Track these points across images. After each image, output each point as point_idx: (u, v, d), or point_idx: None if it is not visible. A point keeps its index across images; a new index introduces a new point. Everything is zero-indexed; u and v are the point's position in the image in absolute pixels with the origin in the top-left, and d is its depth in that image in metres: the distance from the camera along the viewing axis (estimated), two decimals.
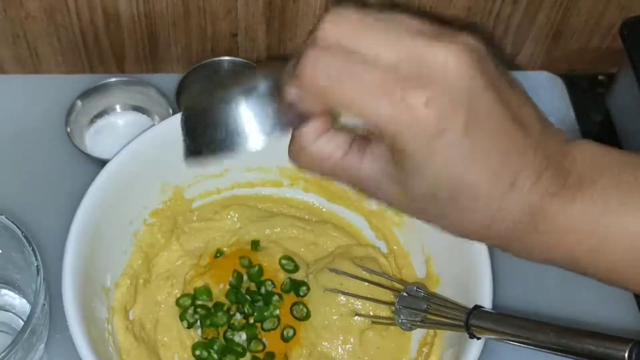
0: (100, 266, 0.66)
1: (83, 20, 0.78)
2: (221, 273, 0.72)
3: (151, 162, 0.69)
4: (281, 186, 0.77)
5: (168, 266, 0.72)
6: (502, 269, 0.68)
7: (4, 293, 0.67)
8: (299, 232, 0.75)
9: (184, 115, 0.47)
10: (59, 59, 0.83)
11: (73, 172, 0.77)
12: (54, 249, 0.66)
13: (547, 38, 0.87)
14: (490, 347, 0.61)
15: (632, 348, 0.48)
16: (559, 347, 0.52)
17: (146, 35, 0.81)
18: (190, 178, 0.73)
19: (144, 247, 0.71)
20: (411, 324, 0.65)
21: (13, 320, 0.67)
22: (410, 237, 0.73)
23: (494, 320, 0.57)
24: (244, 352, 0.68)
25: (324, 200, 0.77)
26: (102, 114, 0.82)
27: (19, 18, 0.77)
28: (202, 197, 0.75)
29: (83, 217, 0.63)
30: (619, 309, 0.75)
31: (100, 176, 0.65)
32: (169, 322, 0.69)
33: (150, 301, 0.70)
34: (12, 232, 0.60)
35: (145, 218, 0.71)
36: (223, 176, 0.75)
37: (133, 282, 0.69)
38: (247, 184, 0.76)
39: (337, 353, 0.68)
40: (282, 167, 0.75)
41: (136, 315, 0.69)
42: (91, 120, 0.81)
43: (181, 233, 0.74)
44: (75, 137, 0.78)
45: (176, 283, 0.71)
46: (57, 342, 0.67)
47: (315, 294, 0.70)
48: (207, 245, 0.74)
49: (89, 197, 0.64)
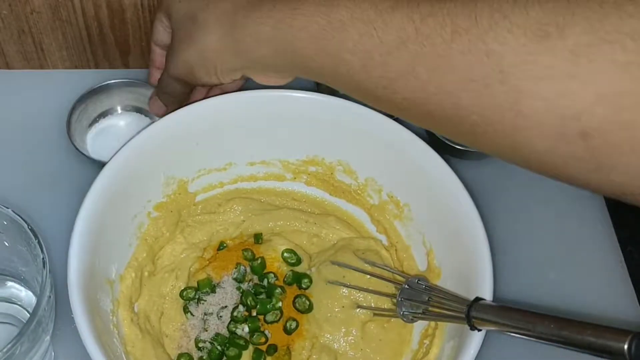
0: (105, 259, 0.66)
1: (88, 16, 0.79)
2: (224, 265, 0.72)
3: (155, 156, 0.70)
4: (284, 180, 0.77)
5: (172, 259, 0.73)
6: (502, 261, 0.68)
7: (11, 285, 0.67)
8: (302, 225, 0.75)
9: None
10: (64, 54, 0.84)
11: (78, 166, 0.78)
12: (59, 242, 0.66)
13: None
14: (491, 339, 0.61)
15: (632, 340, 0.48)
16: (559, 338, 0.52)
17: (150, 30, 0.81)
18: (193, 172, 0.74)
19: (149, 240, 0.71)
20: (413, 316, 0.66)
21: (19, 312, 0.67)
22: (411, 230, 0.73)
23: (495, 312, 0.57)
24: (247, 344, 0.68)
25: (326, 194, 0.78)
26: (103, 114, 0.81)
27: (24, 13, 0.78)
28: (205, 191, 0.76)
29: (88, 211, 0.64)
30: (618, 301, 0.76)
31: (105, 170, 0.66)
32: (174, 314, 0.70)
33: (155, 294, 0.70)
34: (19, 226, 0.60)
35: (150, 211, 0.72)
36: (226, 170, 0.76)
37: (138, 274, 0.70)
38: (250, 177, 0.77)
39: (340, 345, 0.69)
40: (285, 161, 0.76)
41: (141, 308, 0.69)
42: (92, 122, 0.81)
43: (185, 226, 0.74)
44: (77, 139, 0.78)
45: (180, 275, 0.71)
46: (62, 333, 0.68)
47: (318, 286, 0.71)
48: (211, 238, 0.75)
49: (94, 191, 0.65)
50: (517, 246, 0.77)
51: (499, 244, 0.70)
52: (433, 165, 0.68)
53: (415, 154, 0.69)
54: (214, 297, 0.70)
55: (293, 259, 0.73)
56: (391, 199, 0.74)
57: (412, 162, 0.70)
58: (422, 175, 0.69)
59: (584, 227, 0.80)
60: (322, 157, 0.75)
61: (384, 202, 0.74)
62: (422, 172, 0.69)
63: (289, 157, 0.76)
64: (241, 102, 0.71)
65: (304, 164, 0.76)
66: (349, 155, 0.74)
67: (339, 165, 0.75)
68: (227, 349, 0.68)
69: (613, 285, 0.77)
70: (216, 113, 0.71)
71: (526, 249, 0.78)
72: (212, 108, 0.70)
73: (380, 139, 0.71)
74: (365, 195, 0.76)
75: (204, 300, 0.70)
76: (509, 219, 0.79)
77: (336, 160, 0.75)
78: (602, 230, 0.80)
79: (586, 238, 0.79)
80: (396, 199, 0.73)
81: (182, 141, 0.71)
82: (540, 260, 0.77)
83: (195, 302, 0.70)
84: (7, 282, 0.67)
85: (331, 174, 0.76)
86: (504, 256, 0.71)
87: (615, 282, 0.77)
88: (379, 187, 0.74)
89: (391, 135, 0.70)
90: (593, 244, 0.79)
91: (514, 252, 0.76)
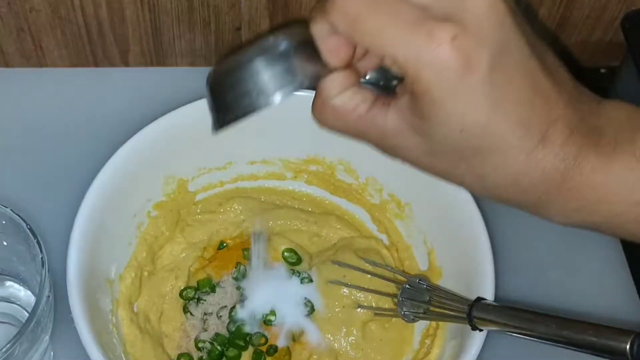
0: (105, 258, 0.66)
1: (87, 14, 0.79)
2: (224, 265, 0.72)
3: (155, 155, 0.69)
4: (284, 179, 0.77)
5: (172, 258, 0.72)
6: (504, 262, 0.68)
7: (9, 285, 0.67)
8: (302, 224, 0.75)
9: (208, 81, 0.47)
10: (63, 53, 0.83)
11: (77, 165, 0.77)
12: (58, 241, 0.66)
13: (549, 31, 0.87)
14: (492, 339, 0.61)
15: (634, 340, 0.48)
16: (560, 338, 0.52)
17: (150, 28, 0.81)
18: (193, 171, 0.74)
19: (148, 240, 0.71)
20: (414, 316, 0.65)
21: (18, 312, 0.67)
22: (412, 230, 0.73)
23: (496, 312, 0.57)
24: (247, 345, 0.68)
25: (327, 193, 0.77)
26: None
27: (24, 11, 0.78)
28: (205, 190, 0.75)
29: (87, 210, 0.64)
30: (620, 300, 0.76)
31: (104, 169, 0.66)
32: (173, 314, 0.70)
33: (154, 293, 0.70)
34: (17, 225, 0.60)
35: (149, 210, 0.71)
36: (226, 169, 0.75)
37: (137, 274, 0.69)
38: (250, 176, 0.76)
39: (340, 345, 0.69)
40: (286, 160, 0.76)
41: (140, 307, 0.69)
42: None
43: (185, 225, 0.74)
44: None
45: (180, 275, 0.71)
46: (61, 333, 0.67)
47: (318, 286, 0.71)
48: (211, 238, 0.74)
49: (94, 190, 0.65)
50: (519, 245, 0.77)
51: (501, 243, 0.70)
52: None
53: None
54: (214, 297, 0.70)
55: (293, 258, 0.72)
56: (392, 199, 0.74)
57: None
58: (423, 174, 0.69)
59: None
60: (323, 156, 0.75)
61: (385, 202, 0.74)
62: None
63: (290, 156, 0.76)
64: None
65: (304, 163, 0.76)
66: (349, 154, 0.74)
67: (340, 164, 0.75)
68: (227, 350, 0.67)
69: (615, 284, 0.77)
70: None
71: (527, 248, 0.77)
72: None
73: None
74: (366, 194, 0.75)
75: (203, 300, 0.70)
76: (510, 218, 0.78)
77: (337, 160, 0.75)
78: None
79: (588, 237, 0.79)
80: (397, 199, 0.73)
81: (182, 140, 0.71)
82: (541, 259, 0.77)
83: (195, 302, 0.70)
84: (6, 281, 0.67)
85: (332, 173, 0.76)
86: (505, 255, 0.71)
87: (617, 282, 0.77)
88: (380, 186, 0.74)
89: None
90: (595, 243, 0.78)
91: (515, 252, 0.76)
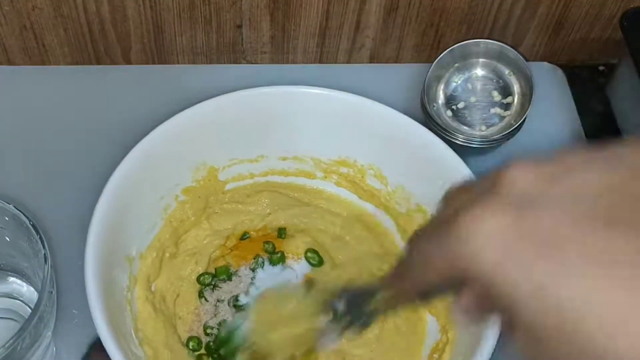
0: (127, 236, 0.67)
1: (89, 12, 0.79)
2: (244, 255, 0.73)
3: (188, 141, 0.70)
4: (314, 178, 0.77)
5: (195, 243, 0.73)
6: None
7: (12, 281, 0.67)
8: (327, 225, 0.75)
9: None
10: (65, 50, 0.84)
11: (79, 162, 0.78)
12: (60, 237, 0.66)
13: (548, 29, 0.87)
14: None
15: None
16: None
17: (152, 26, 0.82)
18: (226, 160, 0.74)
19: (174, 223, 0.72)
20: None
21: (21, 307, 0.67)
22: None
23: None
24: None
25: (355, 197, 0.77)
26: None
27: (26, 9, 0.78)
28: (235, 180, 0.76)
29: (113, 187, 0.64)
30: None
31: (133, 151, 0.66)
32: (189, 297, 0.71)
33: (173, 275, 0.71)
34: (20, 221, 0.60)
35: (177, 194, 0.72)
36: (258, 162, 0.76)
37: (159, 255, 0.70)
38: (281, 172, 0.77)
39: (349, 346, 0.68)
40: (317, 159, 0.76)
41: (158, 287, 0.70)
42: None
43: (212, 213, 0.75)
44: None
45: (200, 260, 0.72)
46: (64, 329, 0.68)
47: None
48: (235, 227, 0.75)
49: (120, 170, 0.65)
50: None
51: None
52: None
53: (448, 166, 0.69)
54: (229, 285, 0.71)
55: (315, 259, 0.73)
56: (419, 209, 0.73)
57: (444, 174, 0.68)
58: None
59: None
60: (354, 159, 0.75)
61: (411, 211, 0.74)
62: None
63: (322, 156, 0.76)
64: (280, 96, 0.71)
65: (335, 164, 0.76)
66: (381, 160, 0.74)
67: (370, 169, 0.75)
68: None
69: None
70: (253, 103, 0.71)
71: None
72: (249, 98, 0.71)
73: (414, 147, 0.70)
74: (393, 202, 0.75)
75: (219, 287, 0.71)
76: None
77: (368, 164, 0.75)
78: None
79: None
80: (424, 209, 0.72)
81: (216, 128, 0.71)
82: None
83: (210, 288, 0.71)
84: (9, 277, 0.67)
85: (362, 177, 0.75)
86: None
87: None
88: (408, 195, 0.73)
89: (426, 145, 0.70)
90: None
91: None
